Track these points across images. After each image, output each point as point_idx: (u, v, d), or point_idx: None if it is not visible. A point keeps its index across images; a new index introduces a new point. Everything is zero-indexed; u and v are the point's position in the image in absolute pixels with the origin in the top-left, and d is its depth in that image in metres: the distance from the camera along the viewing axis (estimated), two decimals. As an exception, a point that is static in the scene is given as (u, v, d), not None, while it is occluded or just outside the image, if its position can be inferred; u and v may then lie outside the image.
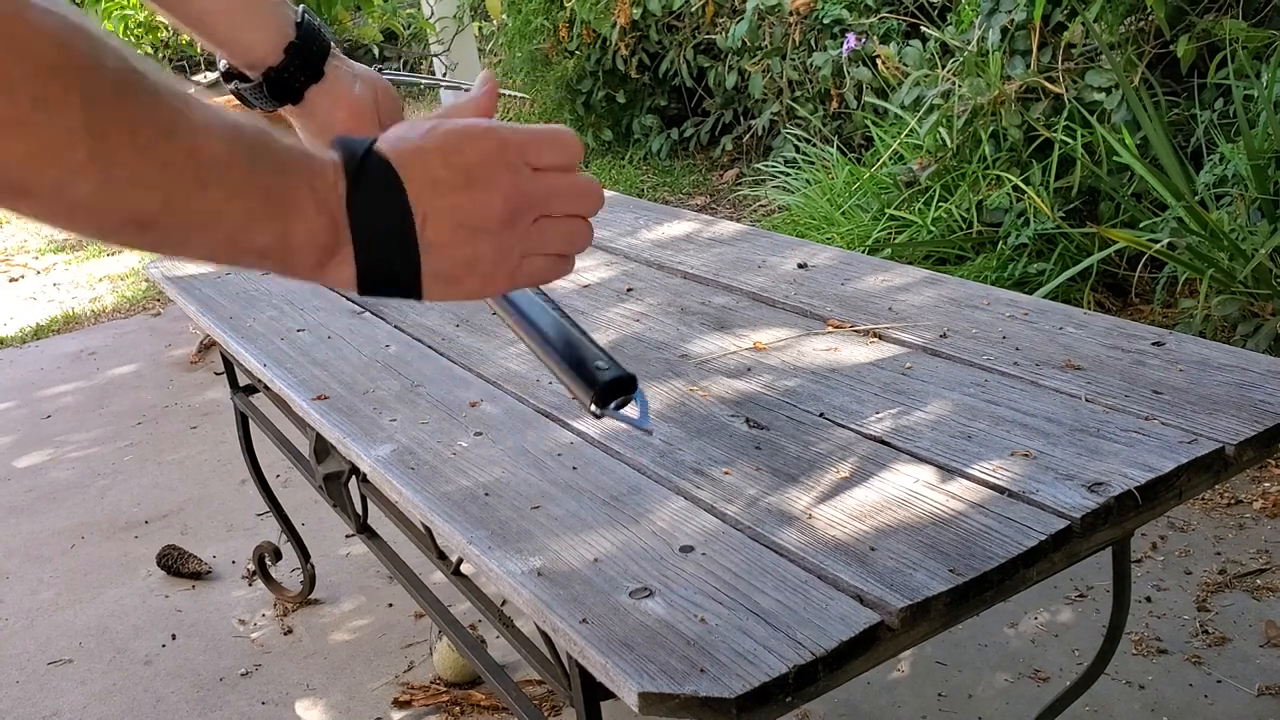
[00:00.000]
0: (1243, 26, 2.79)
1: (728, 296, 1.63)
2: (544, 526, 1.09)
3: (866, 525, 1.02)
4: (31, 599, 2.57)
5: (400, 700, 2.04)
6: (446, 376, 1.48)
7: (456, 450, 1.27)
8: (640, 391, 0.77)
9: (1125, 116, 2.94)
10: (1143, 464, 1.06)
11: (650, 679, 0.86)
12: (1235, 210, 2.62)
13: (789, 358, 1.40)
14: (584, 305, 1.67)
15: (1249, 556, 2.11)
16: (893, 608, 0.90)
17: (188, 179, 0.57)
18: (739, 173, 4.78)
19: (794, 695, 0.86)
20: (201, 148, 0.57)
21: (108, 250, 5.46)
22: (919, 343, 1.39)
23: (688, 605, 0.94)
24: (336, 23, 4.13)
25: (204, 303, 1.90)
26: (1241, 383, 1.19)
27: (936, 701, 1.86)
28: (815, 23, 4.18)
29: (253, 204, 0.60)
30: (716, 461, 1.17)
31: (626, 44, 5.06)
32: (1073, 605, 2.04)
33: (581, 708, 1.09)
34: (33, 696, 2.23)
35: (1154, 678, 1.85)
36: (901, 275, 1.62)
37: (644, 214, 2.08)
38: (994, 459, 1.10)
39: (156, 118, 0.56)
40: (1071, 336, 1.35)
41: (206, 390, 3.69)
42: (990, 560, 0.95)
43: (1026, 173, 3.11)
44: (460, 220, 0.66)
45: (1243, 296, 2.52)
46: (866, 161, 3.72)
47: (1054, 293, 2.78)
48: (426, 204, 0.65)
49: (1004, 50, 3.19)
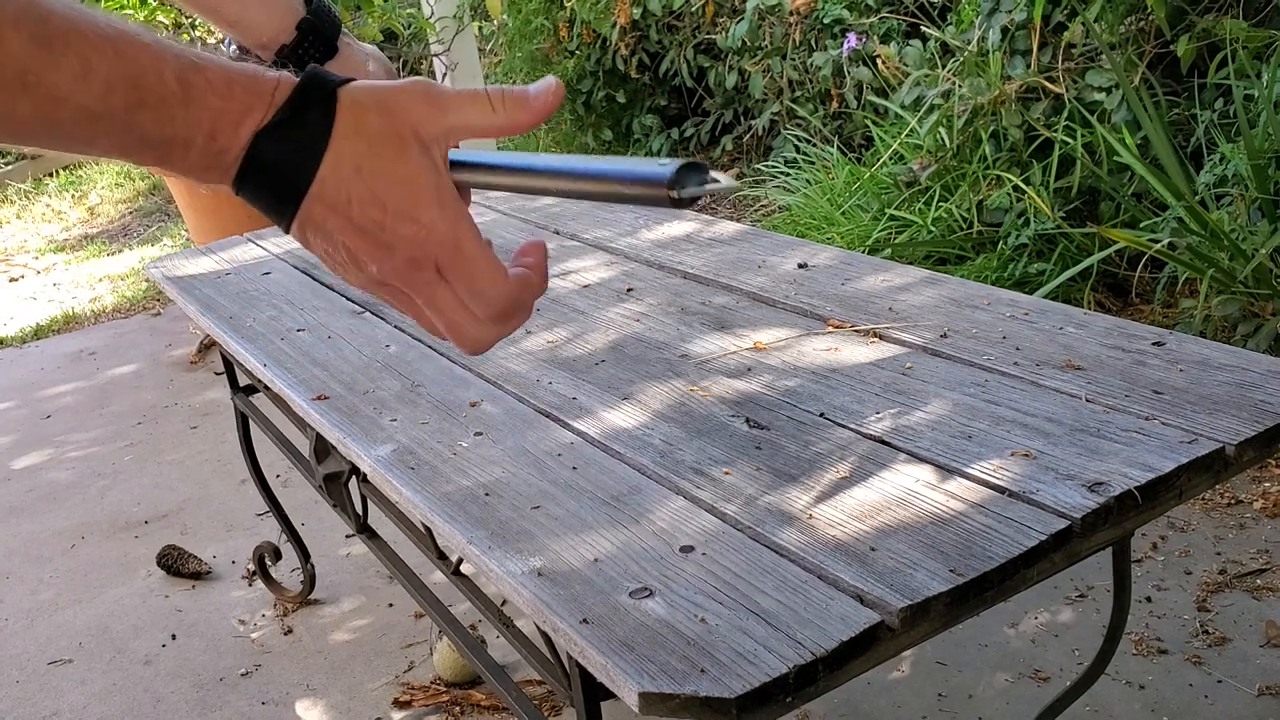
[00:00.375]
0: (1243, 26, 2.79)
1: (728, 296, 1.63)
2: (544, 526, 1.09)
3: (867, 525, 1.02)
4: (31, 599, 2.57)
5: (400, 700, 2.04)
6: (446, 376, 1.48)
7: (457, 450, 1.27)
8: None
9: (1125, 116, 2.94)
10: (1143, 464, 1.06)
11: (650, 679, 0.86)
12: (1236, 210, 2.62)
13: (789, 358, 1.40)
14: (584, 305, 1.67)
15: (1249, 556, 2.11)
16: (893, 608, 0.90)
17: (40, 131, 0.57)
18: (739, 173, 4.78)
19: (794, 695, 0.86)
20: (63, 101, 0.56)
21: (108, 250, 5.46)
22: (919, 343, 1.39)
23: (688, 605, 0.94)
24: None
25: (204, 303, 1.90)
26: (1242, 383, 1.19)
27: (936, 701, 1.86)
28: (815, 23, 4.18)
29: (122, 145, 0.59)
30: (716, 461, 1.17)
31: (626, 44, 5.06)
32: (1073, 605, 2.04)
33: (581, 708, 1.09)
34: (33, 696, 2.23)
35: (1154, 678, 1.85)
36: (901, 275, 1.62)
37: (644, 214, 2.08)
38: (994, 459, 1.10)
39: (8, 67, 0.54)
40: (1071, 336, 1.35)
41: (206, 390, 3.69)
42: (990, 560, 0.95)
43: (1027, 173, 3.11)
44: (346, 228, 0.62)
45: (1243, 296, 2.52)
46: (866, 161, 3.72)
47: (1054, 293, 2.78)
48: (332, 184, 0.61)
49: (1004, 50, 3.19)
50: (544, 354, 1.51)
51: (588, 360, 1.47)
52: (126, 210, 6.04)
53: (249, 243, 2.24)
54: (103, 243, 5.58)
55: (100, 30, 0.57)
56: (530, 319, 1.72)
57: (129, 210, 6.02)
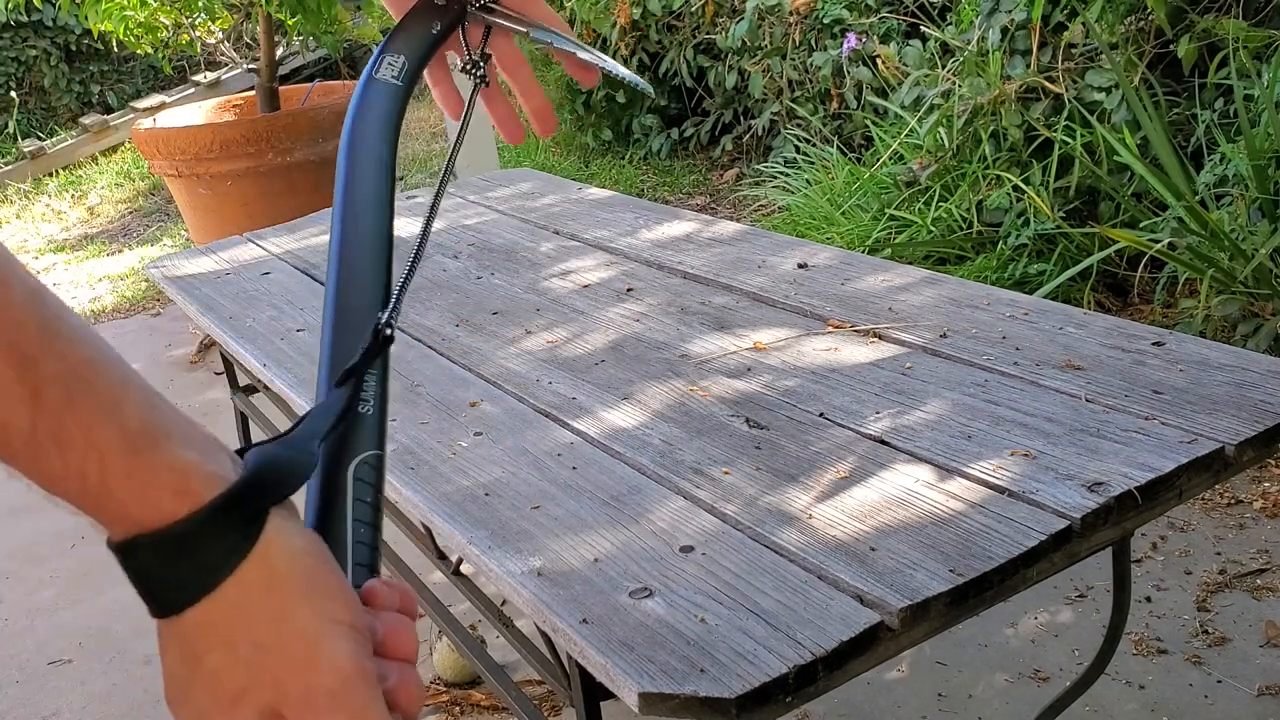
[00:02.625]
0: (1243, 26, 2.79)
1: (728, 296, 1.63)
2: (544, 526, 1.09)
3: (866, 525, 1.02)
4: (31, 599, 2.57)
5: (400, 700, 2.04)
6: (446, 376, 1.48)
7: (456, 450, 1.26)
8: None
9: (1125, 116, 2.94)
10: (1143, 464, 1.05)
11: (650, 679, 0.85)
12: (1236, 210, 2.62)
13: (789, 358, 1.40)
14: (584, 305, 1.67)
15: (1249, 556, 2.11)
16: (893, 608, 0.90)
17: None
18: (739, 173, 4.78)
19: (794, 695, 0.86)
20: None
21: (108, 250, 5.46)
22: (919, 343, 1.39)
23: (688, 605, 0.94)
24: (336, 22, 4.13)
25: (204, 303, 1.90)
26: (1241, 383, 1.19)
27: (936, 701, 1.86)
28: (815, 23, 4.18)
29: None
30: (716, 461, 1.17)
31: (626, 44, 5.06)
32: (1073, 605, 2.04)
33: (581, 708, 1.09)
34: (33, 696, 2.23)
35: (1154, 678, 1.85)
36: (901, 275, 1.62)
37: (644, 214, 2.07)
38: (994, 459, 1.10)
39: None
40: (1071, 336, 1.35)
41: (206, 390, 3.68)
42: (990, 560, 0.95)
43: (1026, 173, 3.11)
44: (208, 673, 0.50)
45: (1243, 296, 2.52)
46: (866, 161, 3.72)
47: (1054, 293, 2.78)
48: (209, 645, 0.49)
49: (1004, 50, 3.18)
50: (544, 354, 1.51)
51: (588, 360, 1.47)
52: (126, 210, 6.04)
53: (249, 243, 2.23)
54: (102, 243, 5.58)
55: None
56: (530, 319, 1.71)
57: (129, 210, 6.02)
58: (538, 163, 5.31)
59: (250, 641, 0.48)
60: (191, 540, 0.47)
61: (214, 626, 0.49)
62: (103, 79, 7.37)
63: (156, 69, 7.24)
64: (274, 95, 4.21)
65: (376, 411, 0.59)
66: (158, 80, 7.41)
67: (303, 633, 0.49)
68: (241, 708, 0.49)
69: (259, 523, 0.49)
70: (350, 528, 0.56)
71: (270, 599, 0.48)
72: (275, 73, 4.24)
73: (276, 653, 0.48)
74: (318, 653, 0.49)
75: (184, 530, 0.47)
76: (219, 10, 4.30)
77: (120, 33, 4.10)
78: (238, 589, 0.48)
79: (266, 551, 0.48)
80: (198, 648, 0.49)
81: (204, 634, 0.49)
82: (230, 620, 0.48)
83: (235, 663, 0.49)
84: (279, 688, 0.49)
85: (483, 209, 2.24)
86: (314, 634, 0.49)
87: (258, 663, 0.49)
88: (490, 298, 1.74)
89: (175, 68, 6.91)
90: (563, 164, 5.35)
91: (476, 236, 2.07)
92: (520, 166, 4.28)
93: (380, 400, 0.59)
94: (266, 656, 0.48)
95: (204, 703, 0.50)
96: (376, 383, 0.59)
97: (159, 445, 0.47)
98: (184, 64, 7.03)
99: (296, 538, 0.50)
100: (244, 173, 3.90)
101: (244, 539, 0.48)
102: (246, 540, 0.48)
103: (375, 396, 0.59)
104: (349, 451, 0.57)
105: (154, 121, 4.39)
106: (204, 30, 4.58)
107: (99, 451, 0.46)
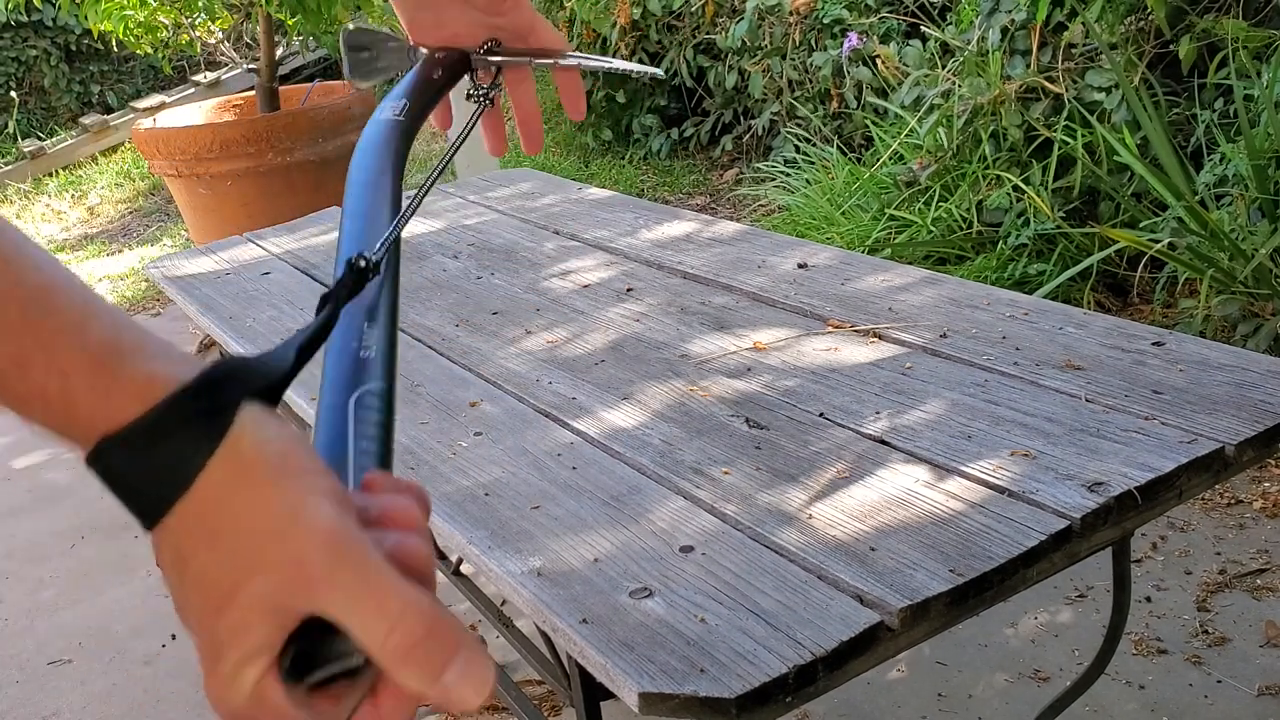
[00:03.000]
0: (1243, 26, 2.79)
1: (728, 296, 1.63)
2: (544, 526, 1.09)
3: (866, 525, 1.02)
4: (31, 599, 2.57)
5: (400, 700, 2.04)
6: (446, 376, 1.48)
7: (456, 450, 1.27)
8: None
9: (1125, 116, 2.94)
10: (1143, 464, 1.06)
11: (650, 679, 0.86)
12: (1235, 210, 2.62)
13: (789, 358, 1.40)
14: (584, 305, 1.67)
15: (1249, 556, 2.11)
16: (893, 608, 0.90)
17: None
18: (739, 172, 4.78)
19: (794, 695, 0.86)
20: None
21: (108, 250, 5.46)
22: (919, 343, 1.39)
23: (688, 605, 0.94)
24: (336, 22, 4.12)
25: (204, 303, 1.90)
26: (1241, 383, 1.19)
27: (936, 701, 1.86)
28: (815, 22, 4.18)
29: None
30: (716, 461, 1.17)
31: (626, 44, 5.06)
32: (1073, 605, 2.04)
33: (581, 708, 1.09)
34: (33, 697, 2.23)
35: (1154, 678, 1.85)
36: (901, 275, 1.62)
37: (644, 214, 2.08)
38: (994, 459, 1.10)
39: None
40: (1071, 336, 1.35)
41: (206, 390, 3.68)
42: (990, 560, 0.95)
43: (1026, 173, 3.11)
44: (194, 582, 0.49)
45: (1243, 296, 2.52)
46: (866, 161, 3.72)
47: (1054, 293, 2.78)
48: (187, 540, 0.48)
49: (1004, 50, 3.19)
50: (544, 354, 1.51)
51: (587, 360, 1.47)
52: (126, 210, 6.04)
53: (249, 243, 2.23)
54: (102, 243, 5.58)
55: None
56: (530, 319, 1.71)
57: (129, 210, 6.03)
58: (538, 163, 5.31)
59: (231, 533, 0.48)
60: (155, 432, 0.47)
61: (195, 527, 0.48)
62: (103, 79, 7.37)
63: (156, 69, 7.24)
64: (274, 95, 4.21)
65: (381, 354, 0.59)
66: (158, 80, 7.41)
67: (278, 511, 0.47)
68: (236, 603, 0.48)
69: (226, 415, 0.48)
70: (353, 448, 0.55)
71: (244, 488, 0.48)
72: (275, 73, 4.24)
73: (257, 538, 0.47)
74: (296, 523, 0.47)
75: (145, 423, 0.47)
76: (219, 10, 4.29)
77: (120, 32, 4.10)
78: (211, 484, 0.47)
79: (237, 443, 0.47)
80: (185, 552, 0.48)
81: (188, 537, 0.48)
82: (209, 516, 0.48)
83: (220, 559, 0.48)
84: (268, 573, 0.47)
85: (483, 209, 2.24)
86: (290, 506, 0.47)
87: (241, 552, 0.47)
88: (490, 298, 1.74)
89: (175, 68, 6.91)
90: (563, 164, 5.35)
91: (476, 236, 2.07)
92: (520, 166, 4.28)
93: (387, 344, 0.60)
94: (248, 543, 0.47)
95: (200, 606, 0.49)
96: (383, 328, 0.60)
97: (125, 360, 0.48)
98: (184, 64, 7.03)
99: (268, 428, 0.49)
100: (244, 173, 3.90)
101: (211, 429, 0.47)
102: (213, 431, 0.47)
103: (379, 341, 0.60)
104: (349, 388, 0.58)
105: (154, 121, 4.39)
106: (204, 30, 4.58)
107: (61, 369, 0.46)
